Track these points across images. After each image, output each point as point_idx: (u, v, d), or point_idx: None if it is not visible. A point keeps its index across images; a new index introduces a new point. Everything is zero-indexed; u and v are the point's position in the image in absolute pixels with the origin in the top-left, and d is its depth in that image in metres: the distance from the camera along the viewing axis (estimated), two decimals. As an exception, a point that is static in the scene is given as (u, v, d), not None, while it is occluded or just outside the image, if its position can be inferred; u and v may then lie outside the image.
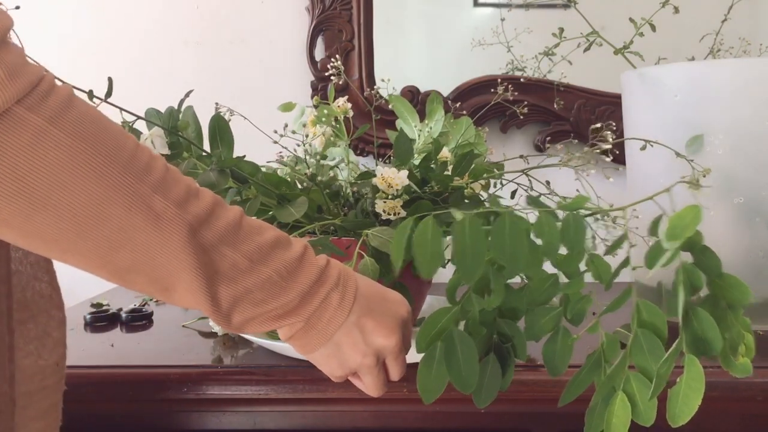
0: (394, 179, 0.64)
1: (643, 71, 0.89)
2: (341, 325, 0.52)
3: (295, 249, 0.50)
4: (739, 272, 0.82)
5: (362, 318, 0.53)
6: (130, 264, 0.43)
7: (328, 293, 0.51)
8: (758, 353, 0.74)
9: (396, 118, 1.14)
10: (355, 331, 0.53)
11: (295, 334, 0.52)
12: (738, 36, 1.07)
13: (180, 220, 0.43)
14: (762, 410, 0.67)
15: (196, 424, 0.69)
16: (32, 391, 0.52)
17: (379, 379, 0.56)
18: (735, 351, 0.54)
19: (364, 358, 0.54)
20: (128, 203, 0.41)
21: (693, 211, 0.51)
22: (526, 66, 1.14)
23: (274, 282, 0.48)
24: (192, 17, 1.22)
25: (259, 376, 0.67)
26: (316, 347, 0.53)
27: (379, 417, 0.69)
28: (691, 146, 0.83)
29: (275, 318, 0.49)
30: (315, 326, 0.51)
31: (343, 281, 0.53)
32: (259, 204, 0.69)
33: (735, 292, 0.54)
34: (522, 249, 0.51)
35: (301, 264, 0.50)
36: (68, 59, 1.20)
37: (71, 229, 0.40)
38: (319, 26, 1.17)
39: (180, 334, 0.85)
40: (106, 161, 0.40)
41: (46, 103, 0.39)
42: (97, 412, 0.70)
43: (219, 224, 0.46)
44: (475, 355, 0.54)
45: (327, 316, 0.51)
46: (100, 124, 0.41)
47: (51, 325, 0.54)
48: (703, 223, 0.87)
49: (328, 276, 0.52)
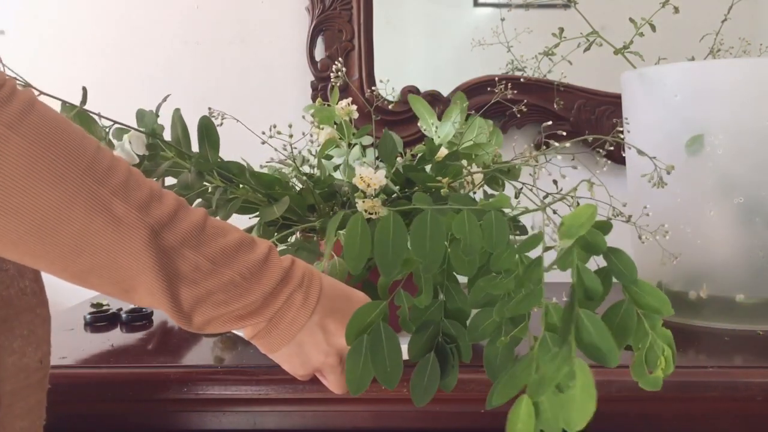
0: (371, 179, 0.64)
1: (643, 71, 0.89)
2: (304, 325, 0.53)
3: (259, 250, 0.51)
4: (739, 272, 0.83)
5: (325, 318, 0.54)
6: (90, 267, 0.43)
7: (291, 294, 0.52)
8: (758, 353, 0.74)
9: (396, 118, 1.14)
10: (317, 332, 0.54)
11: (257, 333, 0.52)
12: (738, 36, 1.07)
13: (141, 224, 0.43)
14: (762, 410, 0.67)
15: (196, 424, 0.69)
16: (16, 390, 0.51)
17: (342, 378, 0.57)
18: (652, 363, 0.51)
19: (327, 358, 0.55)
20: (88, 207, 0.42)
21: (588, 210, 0.49)
22: (526, 66, 1.14)
23: (237, 284, 0.49)
24: (192, 17, 1.22)
25: (259, 376, 0.67)
26: (279, 347, 0.53)
27: (379, 417, 0.69)
28: (691, 146, 0.84)
29: (237, 318, 0.50)
30: (277, 326, 0.52)
31: (307, 281, 0.53)
32: (239, 204, 0.70)
33: (651, 300, 0.52)
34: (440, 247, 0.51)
35: (264, 265, 0.50)
36: (68, 59, 1.20)
37: (32, 234, 0.41)
38: (319, 26, 1.17)
39: (180, 334, 0.85)
40: (66, 166, 0.41)
41: (6, 109, 0.39)
42: (97, 412, 0.69)
43: (181, 227, 0.46)
44: (399, 351, 0.55)
45: (289, 317, 0.52)
46: (60, 129, 0.42)
47: (35, 323, 0.54)
48: (703, 223, 0.87)
49: (291, 276, 0.52)
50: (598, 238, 0.50)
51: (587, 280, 0.50)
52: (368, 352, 0.54)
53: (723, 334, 0.81)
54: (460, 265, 0.56)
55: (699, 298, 0.84)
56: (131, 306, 0.93)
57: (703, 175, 0.83)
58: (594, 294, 0.50)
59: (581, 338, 0.48)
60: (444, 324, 0.59)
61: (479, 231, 0.53)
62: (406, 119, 1.15)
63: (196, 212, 0.48)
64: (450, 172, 0.71)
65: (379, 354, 0.55)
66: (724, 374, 0.67)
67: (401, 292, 0.57)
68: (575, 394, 0.47)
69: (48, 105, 0.43)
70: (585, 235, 0.50)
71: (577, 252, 0.50)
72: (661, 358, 0.51)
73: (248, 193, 0.71)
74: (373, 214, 0.67)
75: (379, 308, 0.55)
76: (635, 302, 0.52)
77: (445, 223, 0.53)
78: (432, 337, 0.59)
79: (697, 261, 0.84)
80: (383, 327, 0.55)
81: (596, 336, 0.48)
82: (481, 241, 0.53)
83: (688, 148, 0.83)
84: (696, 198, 0.84)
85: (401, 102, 1.15)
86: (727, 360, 0.72)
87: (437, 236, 0.52)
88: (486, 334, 0.56)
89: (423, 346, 0.58)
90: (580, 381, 0.47)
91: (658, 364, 0.51)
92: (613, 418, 0.69)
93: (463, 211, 0.53)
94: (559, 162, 0.98)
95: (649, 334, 0.52)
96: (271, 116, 0.79)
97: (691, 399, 0.66)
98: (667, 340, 0.51)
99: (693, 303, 0.84)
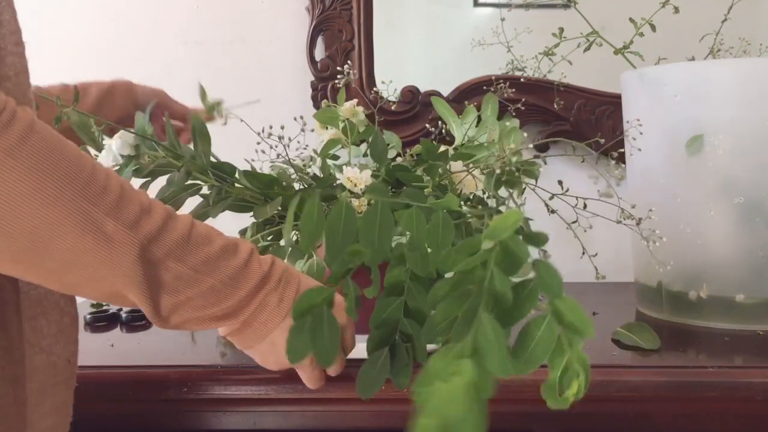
0: (358, 179, 0.65)
1: (643, 71, 0.89)
2: (277, 326, 0.55)
3: (241, 256, 0.53)
4: (739, 272, 0.83)
5: None
6: (81, 281, 0.46)
7: (266, 296, 0.54)
8: (758, 353, 0.74)
9: (396, 118, 1.14)
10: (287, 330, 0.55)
11: (232, 332, 0.55)
12: (738, 36, 1.07)
13: (130, 241, 0.46)
14: (762, 410, 0.67)
15: (196, 424, 0.69)
16: (45, 388, 0.53)
17: (313, 375, 0.61)
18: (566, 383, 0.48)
19: None
20: (81, 228, 0.44)
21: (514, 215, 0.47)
22: (526, 66, 1.14)
23: (217, 290, 0.51)
24: (192, 17, 1.22)
25: (259, 376, 0.67)
26: (252, 345, 0.56)
27: (379, 417, 0.69)
28: (691, 146, 0.84)
29: (213, 319, 0.52)
30: (251, 326, 0.54)
31: (284, 283, 0.55)
32: (230, 203, 0.72)
33: (572, 319, 0.48)
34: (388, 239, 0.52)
35: (244, 270, 0.53)
36: (68, 59, 1.20)
37: (26, 252, 0.43)
38: (319, 26, 1.17)
39: (180, 334, 0.85)
40: (61, 189, 0.43)
41: (5, 135, 0.41)
42: (97, 412, 0.69)
43: (168, 239, 0.49)
44: (337, 337, 0.56)
45: (263, 318, 0.54)
46: (57, 152, 0.44)
47: (64, 321, 0.55)
48: (703, 223, 0.87)
49: (269, 279, 0.54)
50: (520, 248, 0.48)
51: (498, 284, 0.47)
52: (308, 331, 0.55)
53: (723, 334, 0.81)
54: (413, 263, 0.56)
55: (699, 298, 0.84)
56: (131, 306, 0.94)
57: (703, 175, 0.83)
58: (503, 300, 0.47)
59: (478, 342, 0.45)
60: (402, 322, 0.60)
61: (426, 228, 0.53)
62: (407, 119, 1.15)
63: (183, 221, 0.51)
64: (434, 172, 0.71)
65: (319, 334, 0.55)
66: (724, 374, 0.67)
67: (349, 282, 0.58)
68: (444, 389, 0.42)
69: (46, 126, 0.44)
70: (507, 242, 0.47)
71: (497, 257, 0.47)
72: (574, 381, 0.48)
73: (244, 192, 0.72)
74: (360, 213, 0.68)
75: (326, 294, 0.56)
76: (558, 319, 0.49)
77: (399, 217, 0.54)
78: (389, 334, 0.60)
79: (697, 261, 0.84)
80: (326, 313, 0.56)
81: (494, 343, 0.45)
82: (426, 238, 0.53)
83: (688, 148, 0.83)
84: (696, 198, 0.84)
85: (401, 102, 1.15)
86: (727, 360, 0.72)
87: (386, 228, 0.53)
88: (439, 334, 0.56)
89: (380, 341, 0.60)
90: (457, 381, 0.44)
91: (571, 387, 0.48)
92: (613, 418, 0.69)
93: (412, 207, 0.54)
94: (564, 162, 0.99)
95: (566, 355, 0.48)
96: (271, 116, 0.78)
97: (691, 399, 0.66)
98: (584, 364, 0.48)
99: (693, 303, 0.84)
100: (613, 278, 0.85)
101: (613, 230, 0.72)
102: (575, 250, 0.69)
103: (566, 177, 0.66)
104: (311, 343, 0.55)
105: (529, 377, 0.66)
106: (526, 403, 0.48)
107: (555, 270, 0.50)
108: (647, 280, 0.91)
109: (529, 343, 0.49)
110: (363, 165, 0.69)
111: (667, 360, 0.72)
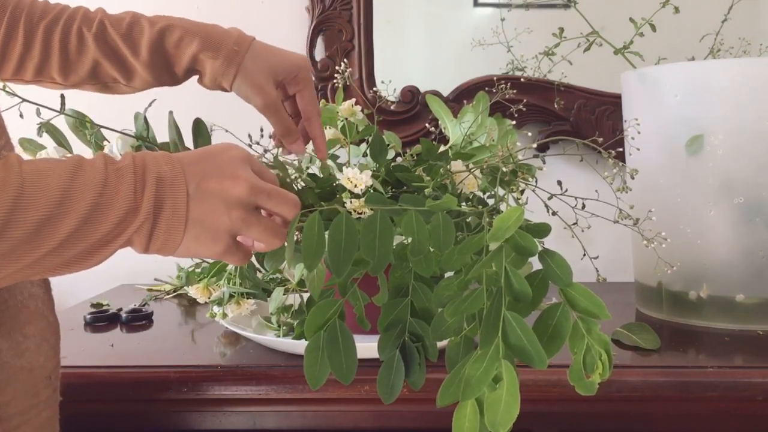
0: (358, 179, 0.65)
1: (643, 71, 0.89)
2: (186, 200, 0.48)
3: (95, 174, 0.46)
4: (739, 272, 0.83)
5: (203, 183, 0.49)
6: None
7: (153, 184, 0.47)
8: (758, 353, 0.74)
9: (396, 118, 1.14)
10: (204, 198, 0.49)
11: (148, 242, 0.48)
12: (738, 36, 1.07)
13: None
14: (762, 410, 0.67)
15: (196, 424, 0.69)
16: (25, 409, 0.51)
17: (267, 226, 0.52)
18: (589, 366, 0.50)
19: (231, 213, 0.50)
20: None
21: (515, 212, 0.49)
22: (526, 66, 1.14)
23: (92, 216, 0.45)
24: (192, 17, 1.21)
25: (259, 376, 0.67)
26: (178, 237, 0.49)
27: (379, 417, 0.69)
28: (691, 146, 0.84)
29: (116, 238, 0.46)
30: (160, 219, 0.47)
31: (155, 166, 0.48)
32: None
33: (587, 304, 0.50)
34: (389, 247, 0.52)
35: (110, 184, 0.46)
36: (68, 59, 1.20)
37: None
38: (319, 26, 1.17)
39: (180, 334, 0.85)
40: None
41: None
42: (97, 412, 0.70)
43: None
44: (353, 348, 0.56)
45: (168, 204, 0.48)
46: None
47: (49, 331, 0.54)
48: (703, 223, 0.87)
49: (145, 177, 0.47)
50: (528, 241, 0.50)
51: (516, 282, 0.49)
52: (325, 348, 0.56)
53: (723, 334, 0.81)
54: (417, 265, 0.56)
55: (699, 298, 0.84)
56: (131, 306, 0.93)
57: (703, 175, 0.83)
58: (523, 297, 0.49)
59: (508, 340, 0.48)
60: (411, 323, 0.60)
61: (427, 231, 0.53)
62: (407, 119, 1.15)
63: None
64: (434, 172, 0.71)
65: (335, 349, 0.56)
66: (724, 374, 0.67)
67: (357, 291, 0.58)
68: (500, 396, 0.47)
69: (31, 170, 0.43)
70: (515, 237, 0.49)
71: (507, 254, 0.49)
72: (598, 362, 0.50)
73: None
74: (361, 214, 0.68)
75: (335, 306, 0.57)
76: (571, 306, 0.51)
77: (399, 223, 0.54)
78: (399, 336, 0.60)
79: (697, 261, 0.84)
80: (339, 324, 0.57)
81: (524, 339, 0.47)
82: (428, 242, 0.53)
83: (688, 148, 0.83)
84: (696, 198, 0.84)
85: (401, 102, 1.15)
86: (727, 360, 0.72)
87: (386, 237, 0.52)
88: (448, 333, 0.57)
89: (391, 344, 0.60)
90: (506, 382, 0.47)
91: (596, 368, 0.50)
92: (613, 418, 0.69)
93: (410, 212, 0.54)
94: (564, 162, 0.98)
95: (585, 339, 0.50)
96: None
97: (691, 399, 0.67)
98: (604, 345, 0.50)
99: (693, 303, 0.84)
100: (613, 278, 0.85)
101: (614, 230, 0.72)
102: (575, 250, 0.69)
103: (566, 177, 0.66)
104: (330, 362, 0.56)
105: (528, 377, 0.67)
106: (525, 403, 0.49)
107: (563, 259, 0.51)
108: (647, 280, 0.91)
109: (545, 332, 0.51)
110: (363, 165, 0.69)
111: (667, 360, 0.72)
